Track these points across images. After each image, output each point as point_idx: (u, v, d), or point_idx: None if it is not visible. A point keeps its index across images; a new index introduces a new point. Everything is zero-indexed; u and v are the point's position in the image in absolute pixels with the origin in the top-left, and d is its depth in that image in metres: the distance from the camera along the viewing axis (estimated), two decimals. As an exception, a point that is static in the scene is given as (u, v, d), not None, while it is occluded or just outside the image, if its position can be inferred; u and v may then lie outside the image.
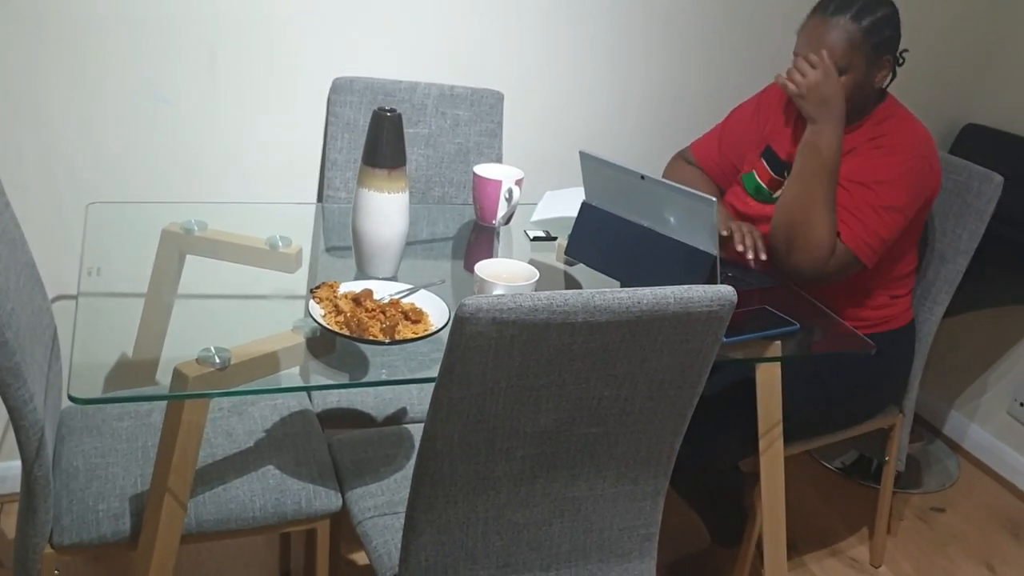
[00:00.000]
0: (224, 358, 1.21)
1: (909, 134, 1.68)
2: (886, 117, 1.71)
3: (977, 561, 2.19)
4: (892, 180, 1.64)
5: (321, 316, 1.31)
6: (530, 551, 1.27)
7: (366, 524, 1.39)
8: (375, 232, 1.48)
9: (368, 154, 1.46)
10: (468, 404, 1.10)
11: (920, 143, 1.68)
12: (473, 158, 2.02)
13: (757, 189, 1.83)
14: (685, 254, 1.51)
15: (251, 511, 1.39)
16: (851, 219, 1.64)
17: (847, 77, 1.64)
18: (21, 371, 1.20)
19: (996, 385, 2.54)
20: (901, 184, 1.64)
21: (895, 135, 1.68)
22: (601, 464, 1.24)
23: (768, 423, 1.57)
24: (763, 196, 1.81)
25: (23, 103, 1.76)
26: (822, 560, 2.13)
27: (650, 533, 1.34)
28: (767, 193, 1.81)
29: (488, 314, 1.02)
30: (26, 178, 1.81)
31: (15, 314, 1.24)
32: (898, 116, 1.71)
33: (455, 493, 1.18)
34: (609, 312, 1.06)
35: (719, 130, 1.95)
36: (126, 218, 1.72)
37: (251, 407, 1.60)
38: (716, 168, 1.94)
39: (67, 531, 1.33)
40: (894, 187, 1.64)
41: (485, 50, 2.05)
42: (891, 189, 1.64)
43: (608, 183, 1.60)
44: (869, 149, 1.68)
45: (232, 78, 1.88)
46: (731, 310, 1.13)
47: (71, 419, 1.54)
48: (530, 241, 1.81)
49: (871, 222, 1.64)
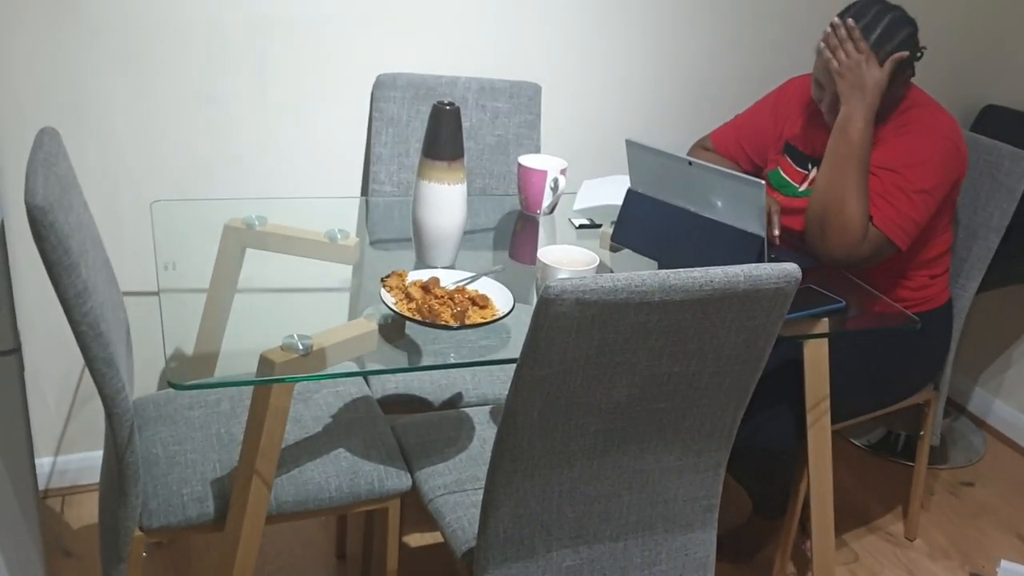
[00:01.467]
0: (307, 345, 1.27)
1: (933, 118, 1.74)
2: (910, 106, 1.77)
3: (1008, 532, 2.25)
4: (920, 163, 1.70)
5: (393, 304, 1.37)
6: (601, 522, 1.33)
7: (437, 502, 1.45)
8: (436, 222, 1.54)
9: (428, 147, 1.51)
10: (549, 382, 1.16)
11: (944, 125, 1.73)
12: (513, 149, 2.08)
13: (783, 184, 1.89)
14: (734, 237, 1.56)
15: (327, 492, 1.45)
16: (882, 203, 1.69)
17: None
18: (115, 361, 1.26)
19: (1020, 361, 2.60)
20: (929, 166, 1.70)
21: (920, 121, 1.74)
22: (668, 438, 1.29)
23: (815, 399, 1.63)
24: (790, 190, 1.87)
25: (87, 109, 1.82)
26: (860, 537, 2.19)
27: (712, 504, 1.40)
28: (793, 187, 1.87)
29: (572, 295, 1.08)
30: (90, 179, 1.87)
31: (104, 307, 1.30)
32: (921, 103, 1.77)
33: (533, 467, 1.24)
34: (683, 291, 1.12)
35: (738, 122, 2.01)
36: (187, 215, 1.77)
37: (315, 394, 1.66)
38: (733, 158, 2.00)
39: (155, 515, 1.39)
40: (922, 169, 1.69)
41: (522, 43, 2.10)
42: (919, 171, 1.69)
43: (654, 170, 1.65)
44: (895, 136, 1.74)
45: (279, 78, 1.93)
46: (796, 287, 1.19)
47: (144, 410, 1.60)
48: (575, 229, 1.87)
49: (902, 205, 1.69)
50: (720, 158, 2.02)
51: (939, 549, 2.17)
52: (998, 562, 2.12)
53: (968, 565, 2.13)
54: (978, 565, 2.13)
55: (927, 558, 2.14)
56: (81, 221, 1.34)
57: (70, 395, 2.03)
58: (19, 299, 1.90)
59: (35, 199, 1.13)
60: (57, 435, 2.05)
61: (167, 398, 1.62)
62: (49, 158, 1.26)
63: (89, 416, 2.05)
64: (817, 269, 1.75)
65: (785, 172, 1.89)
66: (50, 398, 2.01)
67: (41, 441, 2.03)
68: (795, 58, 2.34)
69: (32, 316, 1.93)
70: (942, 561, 2.13)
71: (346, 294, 1.60)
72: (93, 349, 1.22)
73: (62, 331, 1.93)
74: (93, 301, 1.21)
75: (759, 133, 1.96)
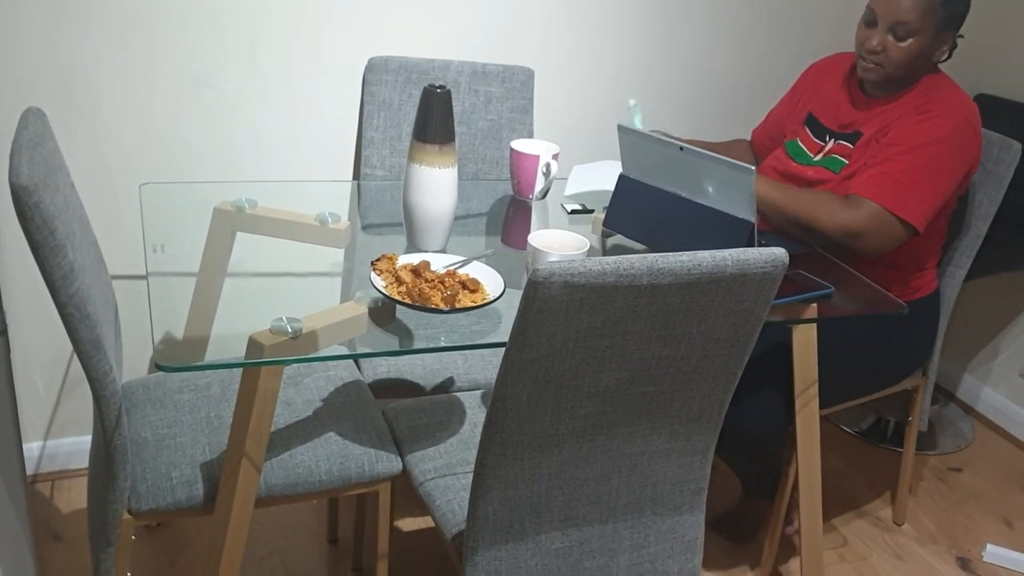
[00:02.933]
0: (296, 328, 1.27)
1: (955, 100, 1.75)
2: (933, 86, 1.77)
3: (995, 517, 2.27)
4: (938, 140, 1.69)
5: (383, 287, 1.37)
6: (590, 505, 1.33)
7: (428, 485, 1.45)
8: (427, 206, 1.54)
9: (419, 130, 1.51)
10: (537, 365, 1.16)
11: (964, 108, 1.74)
12: (505, 134, 2.07)
13: (798, 152, 1.90)
14: (724, 222, 1.56)
15: (317, 475, 1.45)
16: (899, 187, 1.68)
17: (913, 41, 1.71)
18: (102, 343, 1.25)
19: (1009, 349, 2.61)
20: (947, 144, 1.70)
21: (942, 101, 1.74)
22: (657, 421, 1.30)
23: (804, 383, 1.63)
24: (804, 159, 1.89)
25: (76, 90, 1.80)
26: (849, 521, 2.20)
27: (700, 488, 1.41)
28: (809, 157, 1.88)
29: (560, 278, 1.08)
30: (79, 161, 1.86)
31: (92, 289, 1.29)
32: (945, 85, 1.78)
33: (522, 450, 1.24)
34: (672, 275, 1.12)
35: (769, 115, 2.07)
36: (177, 198, 1.76)
37: (306, 379, 1.66)
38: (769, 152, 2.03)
39: (143, 498, 1.39)
40: (940, 147, 1.69)
41: (515, 28, 2.09)
42: (937, 150, 1.69)
43: (646, 155, 1.65)
44: (914, 114, 1.74)
45: (271, 61, 1.92)
46: (783, 271, 1.19)
47: (133, 393, 1.59)
48: (567, 214, 1.87)
49: (918, 187, 1.69)
50: (758, 157, 2.06)
51: (927, 534, 2.19)
52: (984, 546, 2.14)
53: (955, 549, 2.15)
54: (965, 549, 2.15)
55: (915, 542, 2.16)
56: (68, 202, 1.33)
57: (59, 379, 2.02)
58: (6, 281, 1.89)
59: (20, 179, 1.12)
60: (46, 419, 2.04)
61: (156, 381, 1.62)
62: (34, 138, 1.25)
63: (79, 400, 2.05)
64: (807, 255, 1.75)
65: (803, 142, 1.91)
66: (39, 382, 2.01)
67: (30, 425, 2.03)
68: (788, 44, 2.34)
69: (20, 299, 1.92)
70: (929, 545, 2.15)
71: (337, 278, 1.60)
72: (80, 331, 1.22)
73: (50, 314, 1.92)
74: (79, 283, 1.20)
75: (782, 123, 2.01)
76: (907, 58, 1.72)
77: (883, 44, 1.74)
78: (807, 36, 2.36)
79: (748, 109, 2.36)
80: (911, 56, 1.72)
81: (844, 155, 1.81)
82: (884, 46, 1.74)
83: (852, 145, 1.80)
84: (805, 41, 2.36)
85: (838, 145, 1.83)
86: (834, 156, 1.82)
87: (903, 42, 1.72)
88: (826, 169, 1.82)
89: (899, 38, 1.72)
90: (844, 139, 1.83)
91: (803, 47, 2.35)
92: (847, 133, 1.83)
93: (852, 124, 1.83)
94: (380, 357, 1.75)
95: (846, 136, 1.83)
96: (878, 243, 1.69)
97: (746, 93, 2.37)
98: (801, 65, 2.04)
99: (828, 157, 1.83)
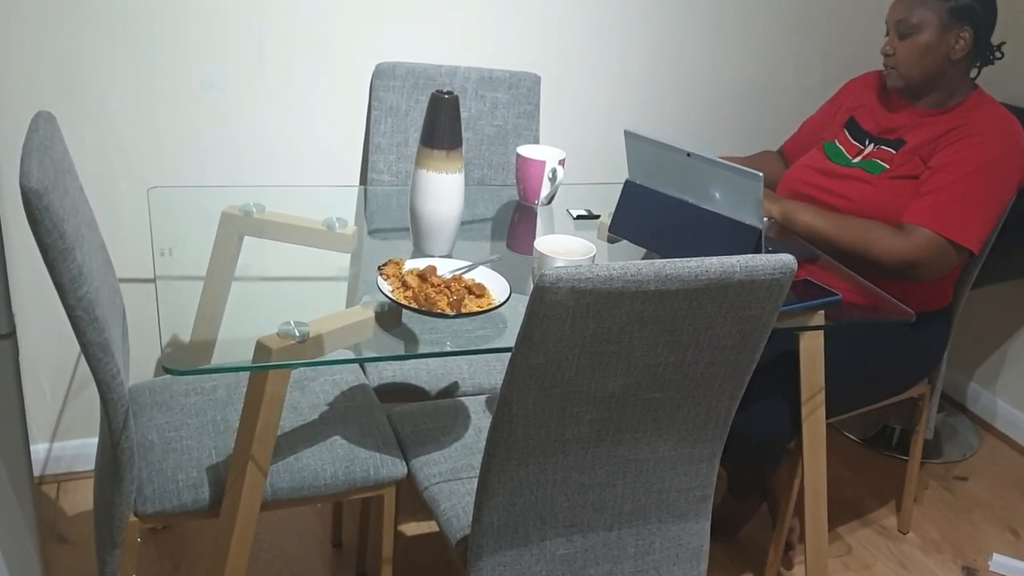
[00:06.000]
0: (303, 332, 1.27)
1: (999, 119, 1.76)
2: (975, 106, 1.79)
3: (1001, 526, 2.26)
4: (987, 163, 1.71)
5: (390, 292, 1.37)
6: (595, 511, 1.33)
7: (432, 490, 1.45)
8: (433, 211, 1.54)
9: (426, 135, 1.51)
10: (543, 370, 1.16)
11: (1008, 125, 1.75)
12: (512, 140, 2.07)
13: (836, 153, 1.92)
14: (731, 228, 1.56)
15: (322, 479, 1.46)
16: (951, 211, 1.69)
17: (917, 37, 1.72)
18: (110, 346, 1.26)
19: (1016, 357, 2.60)
20: (996, 165, 1.72)
21: (985, 120, 1.75)
22: (663, 428, 1.30)
23: (810, 391, 1.63)
24: (841, 159, 1.90)
25: (84, 94, 1.81)
26: (854, 530, 2.19)
27: (705, 495, 1.40)
28: (847, 158, 1.89)
29: (567, 284, 1.08)
30: (86, 165, 1.87)
31: (100, 292, 1.30)
32: (986, 104, 1.80)
33: (527, 456, 1.24)
34: (679, 280, 1.12)
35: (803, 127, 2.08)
36: (184, 202, 1.77)
37: (311, 383, 1.66)
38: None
39: (150, 500, 1.39)
40: (990, 169, 1.71)
41: (521, 33, 2.10)
42: (987, 172, 1.71)
43: (652, 161, 1.65)
44: (960, 138, 1.75)
45: (278, 65, 1.93)
46: (791, 278, 1.19)
47: (140, 396, 1.60)
48: (573, 220, 1.87)
49: (971, 210, 1.70)
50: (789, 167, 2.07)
51: (932, 542, 2.18)
52: (990, 556, 2.13)
53: (960, 559, 2.14)
54: (970, 559, 2.14)
55: (920, 551, 2.15)
56: (76, 206, 1.34)
57: (66, 381, 2.03)
58: (15, 284, 1.90)
59: (30, 182, 1.12)
60: (53, 421, 2.05)
61: (163, 384, 1.62)
62: (45, 142, 1.26)
63: (85, 403, 2.05)
64: (815, 262, 1.75)
65: (841, 143, 1.92)
66: (46, 384, 2.01)
67: (37, 427, 2.03)
68: (792, 48, 2.35)
69: (28, 301, 1.93)
70: (934, 554, 2.14)
71: (344, 283, 1.60)
72: (88, 334, 1.22)
73: (58, 317, 1.93)
74: (88, 286, 1.21)
75: (817, 133, 2.02)
76: (915, 56, 1.73)
77: (893, 47, 1.77)
78: (813, 46, 2.37)
79: (756, 115, 2.37)
80: (918, 53, 1.73)
81: (885, 160, 1.83)
82: (894, 48, 1.76)
83: (895, 151, 1.82)
84: (812, 50, 2.36)
85: (879, 150, 1.85)
86: (874, 160, 1.84)
87: (908, 39, 1.74)
88: (864, 171, 1.84)
89: (903, 36, 1.75)
90: (886, 144, 1.84)
91: (810, 56, 2.35)
92: (890, 139, 1.84)
93: (896, 131, 1.85)
94: (386, 361, 1.75)
95: (888, 142, 1.84)
96: (935, 270, 1.71)
97: (755, 100, 2.37)
98: (812, 75, 2.05)
99: (867, 160, 1.85)
